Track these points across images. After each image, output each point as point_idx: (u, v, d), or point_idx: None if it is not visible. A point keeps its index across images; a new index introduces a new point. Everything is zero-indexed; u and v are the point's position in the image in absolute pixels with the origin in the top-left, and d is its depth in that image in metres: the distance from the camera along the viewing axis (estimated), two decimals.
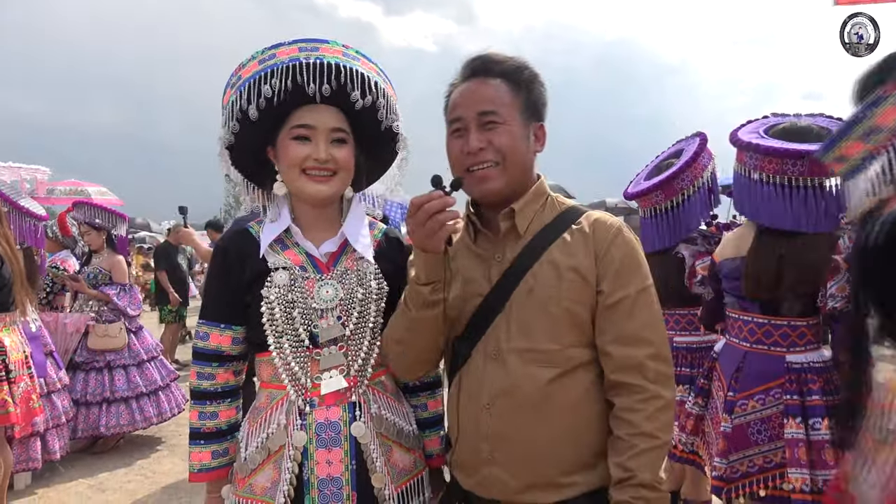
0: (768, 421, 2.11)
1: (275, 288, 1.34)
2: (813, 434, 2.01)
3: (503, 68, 1.30)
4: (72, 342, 4.38)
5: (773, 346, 2.16)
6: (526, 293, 1.25)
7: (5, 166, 7.35)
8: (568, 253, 1.26)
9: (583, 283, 1.24)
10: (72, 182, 9.43)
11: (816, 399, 2.04)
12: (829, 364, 2.11)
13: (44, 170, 8.31)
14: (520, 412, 1.24)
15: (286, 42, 1.33)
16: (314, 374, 1.35)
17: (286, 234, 1.40)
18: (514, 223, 1.29)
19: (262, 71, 1.30)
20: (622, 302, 1.23)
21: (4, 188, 3.83)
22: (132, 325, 4.62)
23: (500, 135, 1.26)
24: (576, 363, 1.24)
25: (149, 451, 4.52)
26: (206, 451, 1.40)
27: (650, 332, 1.23)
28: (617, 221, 1.30)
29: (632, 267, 1.26)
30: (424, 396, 1.57)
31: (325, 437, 1.33)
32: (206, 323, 1.41)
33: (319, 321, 1.35)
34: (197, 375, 1.41)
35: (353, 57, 1.37)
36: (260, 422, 1.37)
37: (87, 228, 4.64)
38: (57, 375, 3.88)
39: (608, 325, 1.23)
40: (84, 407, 4.23)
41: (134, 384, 4.42)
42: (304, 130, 1.34)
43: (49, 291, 4.77)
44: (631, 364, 1.21)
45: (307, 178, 1.35)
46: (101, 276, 4.57)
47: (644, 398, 1.19)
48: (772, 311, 2.16)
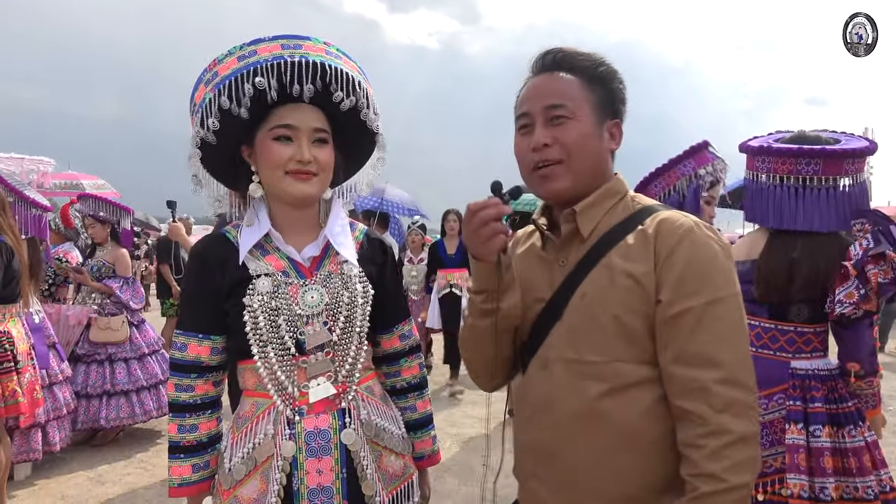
0: (770, 426, 2.12)
1: (258, 295, 1.29)
2: (813, 441, 2.02)
3: (576, 63, 1.20)
4: (74, 334, 4.38)
5: (778, 352, 2.16)
6: (580, 299, 1.14)
7: (9, 157, 7.35)
8: (626, 256, 1.11)
9: (637, 289, 1.09)
10: (66, 175, 9.37)
11: (819, 406, 2.04)
12: (835, 372, 2.12)
13: (48, 161, 8.28)
14: (562, 428, 1.14)
15: (266, 38, 1.28)
16: (301, 382, 1.32)
17: (265, 238, 1.36)
18: (576, 225, 1.18)
19: (245, 68, 1.25)
20: (685, 314, 1.05)
21: (9, 178, 3.84)
22: (134, 319, 4.63)
23: (569, 130, 1.15)
24: (628, 381, 1.09)
25: (148, 444, 4.53)
26: (186, 464, 1.35)
27: (720, 351, 1.04)
28: (689, 221, 1.11)
29: (701, 273, 1.06)
30: (413, 398, 1.54)
31: (315, 446, 1.30)
32: (184, 333, 1.36)
33: (305, 327, 1.31)
34: (175, 387, 1.36)
35: (335, 55, 1.33)
36: (245, 431, 1.33)
37: (91, 221, 4.64)
38: (59, 367, 3.89)
39: (669, 341, 1.07)
40: (84, 399, 4.24)
41: (135, 377, 4.43)
42: (287, 131, 1.29)
43: (52, 283, 4.78)
44: (693, 388, 1.03)
45: (291, 178, 1.30)
46: (105, 269, 4.57)
47: (707, 432, 1.01)
48: (779, 317, 2.17)
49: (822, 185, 2.09)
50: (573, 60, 1.20)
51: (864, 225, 2.09)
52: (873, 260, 2.00)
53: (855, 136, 2.25)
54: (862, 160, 2.14)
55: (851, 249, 2.05)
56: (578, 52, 1.22)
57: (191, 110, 1.35)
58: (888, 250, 1.98)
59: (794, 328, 2.15)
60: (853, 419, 2.06)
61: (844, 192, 2.09)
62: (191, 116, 1.36)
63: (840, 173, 2.08)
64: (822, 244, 2.10)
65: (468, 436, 4.62)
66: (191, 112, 1.35)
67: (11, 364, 3.12)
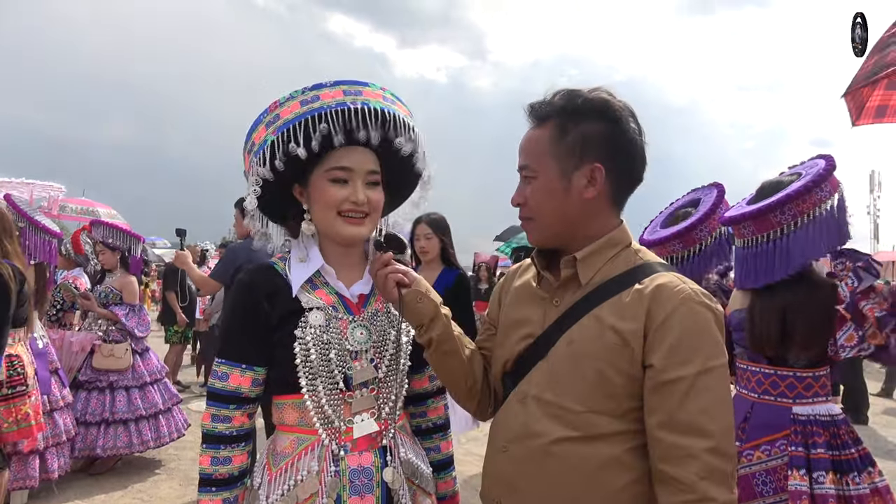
0: (773, 472, 2.11)
1: (310, 328, 1.30)
2: (817, 487, 2.00)
3: (552, 108, 1.21)
4: (77, 360, 4.39)
5: (779, 398, 2.17)
6: (566, 344, 1.17)
7: (20, 182, 7.47)
8: (617, 312, 1.13)
9: (624, 348, 1.11)
10: (84, 201, 9.53)
11: (821, 452, 2.03)
12: (839, 418, 2.12)
13: (58, 187, 8.42)
14: (529, 463, 1.17)
15: (328, 84, 1.33)
16: (346, 417, 1.32)
17: (314, 273, 1.38)
18: (575, 271, 1.20)
19: (309, 113, 1.29)
20: (677, 383, 1.06)
21: (21, 204, 3.90)
22: (138, 347, 4.63)
23: (533, 190, 1.22)
24: (599, 431, 1.11)
25: (147, 474, 4.48)
26: (217, 498, 1.32)
27: (710, 421, 1.05)
28: (686, 288, 1.12)
29: (694, 343, 1.08)
30: (437, 438, 1.55)
31: (359, 484, 1.29)
32: (226, 363, 1.34)
33: (353, 363, 1.32)
34: (212, 418, 1.33)
35: (391, 101, 1.37)
36: (285, 467, 1.30)
37: (102, 248, 4.69)
38: (61, 393, 3.88)
39: (658, 407, 1.08)
40: (83, 426, 4.21)
41: (134, 406, 4.40)
42: (343, 173, 1.32)
43: (59, 308, 4.80)
44: (680, 455, 1.04)
45: (344, 220, 1.33)
46: (112, 296, 4.60)
47: (689, 499, 1.02)
48: (778, 362, 2.18)
49: (759, 243, 2.15)
50: (549, 107, 1.21)
51: (845, 264, 2.10)
52: (864, 296, 2.00)
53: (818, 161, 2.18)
54: (802, 202, 2.05)
55: (840, 292, 2.06)
56: (554, 96, 1.21)
57: (247, 148, 1.39)
58: (874, 283, 1.99)
59: (794, 373, 2.15)
60: (857, 466, 2.04)
61: (787, 240, 2.08)
62: (245, 154, 1.40)
63: (773, 227, 2.10)
64: (809, 292, 2.10)
65: (469, 473, 4.55)
66: (247, 150, 1.39)
67: (24, 388, 3.15)
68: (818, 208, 2.05)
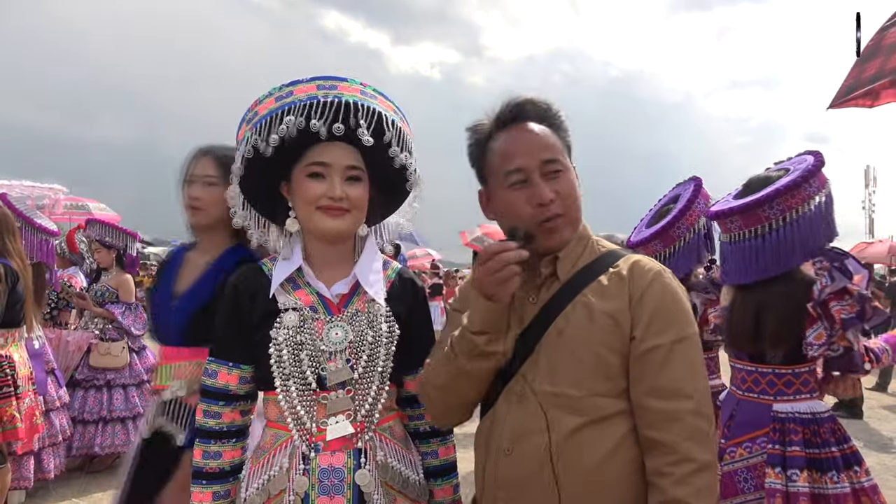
0: (754, 469, 2.12)
1: (283, 329, 1.32)
2: (790, 485, 1.99)
3: (542, 112, 1.26)
4: (73, 360, 4.40)
5: (761, 395, 2.17)
6: (556, 335, 1.19)
7: (20, 184, 7.47)
8: (603, 296, 1.19)
9: (616, 328, 1.16)
10: (72, 198, 9.47)
11: (797, 450, 2.02)
12: (822, 416, 2.10)
13: (59, 188, 8.41)
14: (539, 460, 1.15)
15: (304, 79, 1.33)
16: (320, 418, 1.32)
17: (298, 272, 1.38)
18: (554, 269, 1.24)
19: (279, 108, 1.30)
20: (655, 351, 1.13)
21: (18, 203, 3.90)
22: (135, 345, 4.65)
23: (564, 183, 1.22)
24: (606, 413, 1.15)
25: None
26: (207, 491, 1.35)
27: (687, 384, 1.12)
28: (657, 266, 1.22)
29: (669, 314, 1.16)
30: (436, 443, 1.50)
31: (328, 484, 1.29)
32: (215, 361, 1.39)
33: (328, 363, 1.32)
34: (203, 413, 1.38)
35: (371, 95, 1.37)
36: (262, 462, 1.34)
37: (97, 246, 4.70)
38: (57, 394, 3.90)
39: (642, 375, 1.14)
40: (81, 425, 4.24)
41: (132, 404, 4.43)
42: (319, 168, 1.33)
43: (53, 307, 4.80)
44: (666, 419, 1.10)
45: (323, 213, 1.33)
46: (109, 294, 4.61)
47: (674, 460, 1.08)
48: (758, 359, 2.19)
49: (747, 238, 2.14)
50: (539, 110, 1.26)
51: (822, 263, 2.09)
52: (836, 297, 2.00)
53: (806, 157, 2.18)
54: (791, 197, 2.05)
55: (814, 289, 2.05)
56: (539, 100, 1.27)
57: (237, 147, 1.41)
58: (848, 284, 1.99)
59: (773, 370, 2.15)
60: (836, 465, 2.01)
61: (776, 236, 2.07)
62: None
63: (761, 222, 2.09)
64: (787, 289, 2.09)
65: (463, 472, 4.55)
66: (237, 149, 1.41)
67: (11, 389, 3.14)
68: (807, 204, 2.05)
